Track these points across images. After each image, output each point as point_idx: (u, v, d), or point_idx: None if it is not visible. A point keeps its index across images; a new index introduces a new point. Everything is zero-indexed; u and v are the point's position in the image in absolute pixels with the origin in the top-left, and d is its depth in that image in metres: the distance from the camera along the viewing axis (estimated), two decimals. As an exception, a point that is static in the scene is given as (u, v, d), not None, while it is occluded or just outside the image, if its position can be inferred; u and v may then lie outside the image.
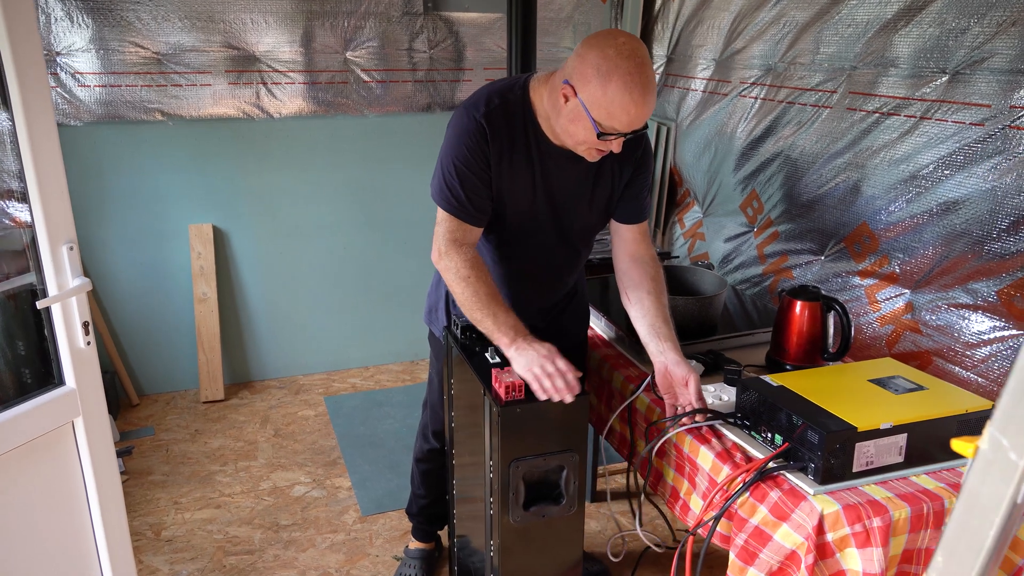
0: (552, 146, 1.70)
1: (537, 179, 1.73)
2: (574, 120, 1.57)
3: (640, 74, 1.49)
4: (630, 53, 1.49)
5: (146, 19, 3.11)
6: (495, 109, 1.67)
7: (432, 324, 2.04)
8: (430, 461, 2.18)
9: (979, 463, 0.52)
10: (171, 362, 3.45)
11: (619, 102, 1.49)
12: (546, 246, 1.83)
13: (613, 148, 1.61)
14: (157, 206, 3.28)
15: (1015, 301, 1.99)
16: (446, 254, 1.68)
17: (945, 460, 1.51)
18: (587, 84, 1.51)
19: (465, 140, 1.66)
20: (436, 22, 3.50)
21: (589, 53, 1.52)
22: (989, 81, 2.01)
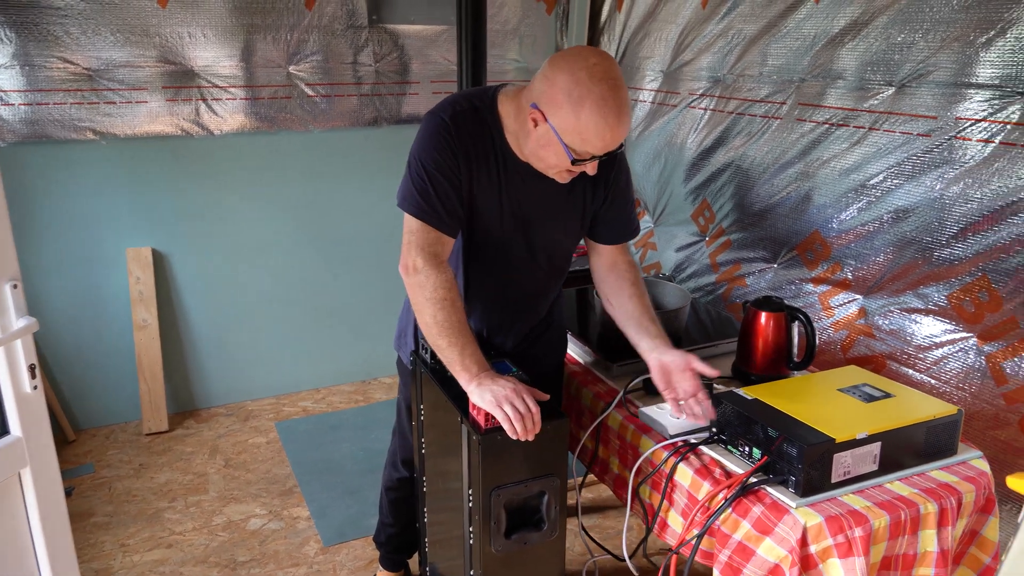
0: (520, 162, 1.63)
1: (504, 194, 1.65)
2: (545, 146, 1.51)
3: (614, 97, 1.42)
4: (603, 75, 1.43)
5: (75, 33, 2.96)
6: (462, 112, 1.60)
7: (401, 349, 1.96)
8: (400, 490, 2.11)
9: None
10: (110, 393, 3.28)
11: (593, 127, 1.43)
12: (517, 267, 1.76)
13: (588, 171, 1.55)
14: (91, 230, 3.12)
15: (964, 305, 2.06)
16: (422, 269, 1.56)
17: (916, 466, 1.54)
18: (558, 110, 1.45)
19: (433, 141, 1.58)
20: (381, 35, 3.45)
21: (558, 76, 1.45)
22: (934, 94, 2.08)
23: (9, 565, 1.47)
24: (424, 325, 1.58)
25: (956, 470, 1.56)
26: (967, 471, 1.55)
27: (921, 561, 1.49)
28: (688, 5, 2.96)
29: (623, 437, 1.78)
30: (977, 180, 1.99)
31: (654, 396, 1.83)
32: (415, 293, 1.58)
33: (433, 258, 1.58)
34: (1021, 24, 1.87)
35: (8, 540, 1.45)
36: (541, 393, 1.53)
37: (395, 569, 2.27)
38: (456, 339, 1.54)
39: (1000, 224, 1.95)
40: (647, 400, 1.82)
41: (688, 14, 2.97)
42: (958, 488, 1.50)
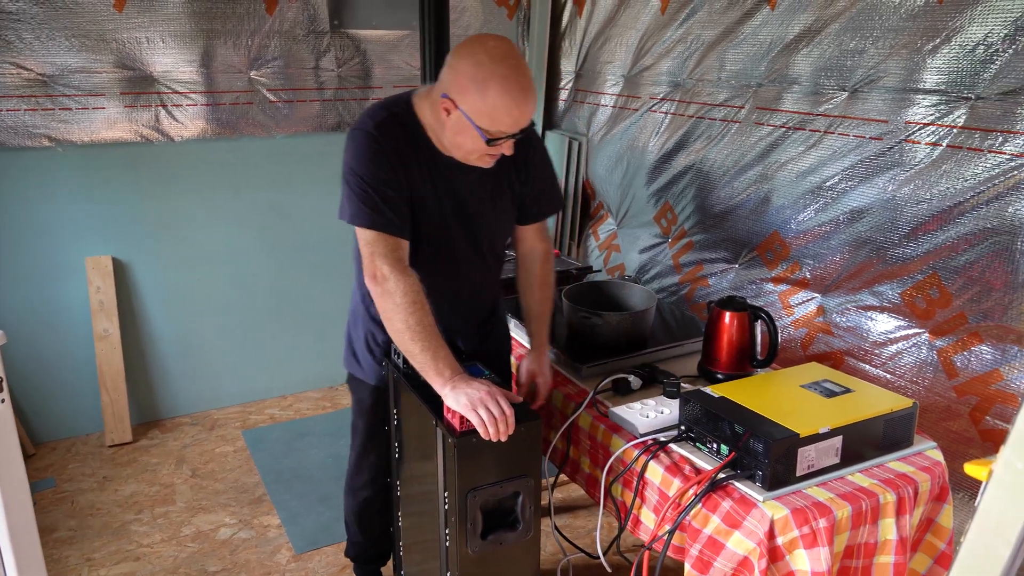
0: (446, 158, 1.69)
1: (440, 190, 1.71)
2: (460, 132, 1.58)
3: (516, 74, 1.51)
4: (503, 56, 1.51)
5: (28, 39, 2.90)
6: (384, 121, 1.64)
7: (353, 368, 1.95)
8: (368, 510, 2.10)
9: (994, 485, 0.56)
10: (70, 405, 3.22)
11: (501, 106, 1.51)
12: (462, 259, 1.81)
13: (505, 151, 1.62)
14: (48, 239, 3.06)
15: (916, 302, 2.15)
16: (390, 276, 1.59)
17: (875, 457, 1.61)
18: (465, 95, 1.52)
19: (367, 154, 1.62)
20: (343, 40, 3.44)
21: (461, 63, 1.52)
22: (885, 98, 2.16)
23: (-22, 583, 1.44)
24: (396, 332, 1.60)
25: (912, 460, 1.62)
26: (922, 461, 1.62)
27: (882, 549, 1.55)
28: (648, 11, 3.02)
29: (594, 437, 1.81)
30: (926, 182, 2.07)
31: (624, 396, 1.87)
32: (385, 301, 1.60)
33: (398, 263, 1.61)
34: (965, 32, 1.95)
35: (-23, 557, 1.43)
36: (514, 395, 1.57)
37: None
38: (428, 343, 1.57)
39: (948, 224, 2.03)
40: (617, 400, 1.86)
41: (648, 20, 3.03)
42: (914, 478, 1.56)
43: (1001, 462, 0.54)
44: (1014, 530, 0.53)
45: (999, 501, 0.54)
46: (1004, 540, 0.53)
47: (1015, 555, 0.54)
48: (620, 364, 2.02)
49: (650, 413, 1.75)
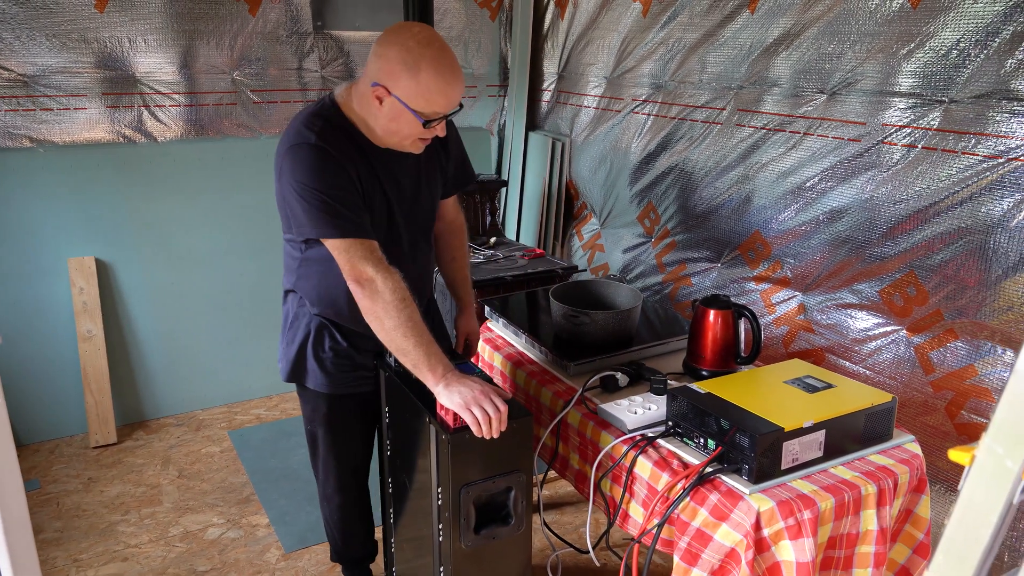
0: (381, 150, 1.71)
1: (383, 183, 1.73)
2: (395, 118, 1.60)
3: (444, 56, 1.57)
4: (428, 40, 1.56)
5: (8, 39, 2.88)
6: (321, 129, 1.63)
7: (300, 379, 1.92)
8: (343, 514, 2.10)
9: (976, 470, 0.60)
10: (54, 407, 3.19)
11: (435, 87, 1.55)
12: (408, 247, 1.83)
13: (439, 132, 1.67)
14: (30, 240, 3.04)
15: (894, 299, 2.21)
16: (376, 275, 1.60)
17: (856, 451, 1.65)
18: (398, 80, 1.55)
19: (318, 165, 1.60)
20: (326, 41, 3.45)
21: (389, 51, 1.55)
22: (862, 101, 2.22)
23: (-26, 584, 1.45)
24: (387, 330, 1.60)
25: (892, 453, 1.67)
26: (902, 454, 1.67)
27: (863, 539, 1.59)
28: (629, 13, 3.06)
29: (583, 433, 1.85)
30: (903, 182, 2.13)
31: (611, 393, 1.90)
32: (373, 302, 1.60)
33: (380, 263, 1.63)
34: (938, 37, 2.01)
35: (-28, 559, 1.43)
36: (506, 392, 1.60)
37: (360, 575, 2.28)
38: (421, 339, 1.59)
39: (925, 223, 2.09)
40: (605, 397, 1.89)
41: (630, 22, 3.07)
42: (894, 470, 1.61)
43: (983, 448, 0.58)
44: (994, 513, 0.57)
45: (980, 485, 0.58)
46: (985, 522, 0.57)
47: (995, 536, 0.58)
48: (607, 362, 2.06)
49: (638, 409, 1.79)
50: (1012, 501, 0.56)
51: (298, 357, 1.89)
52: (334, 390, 1.89)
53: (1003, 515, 0.56)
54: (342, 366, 1.88)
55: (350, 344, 1.86)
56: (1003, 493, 0.56)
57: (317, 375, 1.88)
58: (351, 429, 1.97)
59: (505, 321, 2.31)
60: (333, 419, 1.94)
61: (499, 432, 1.51)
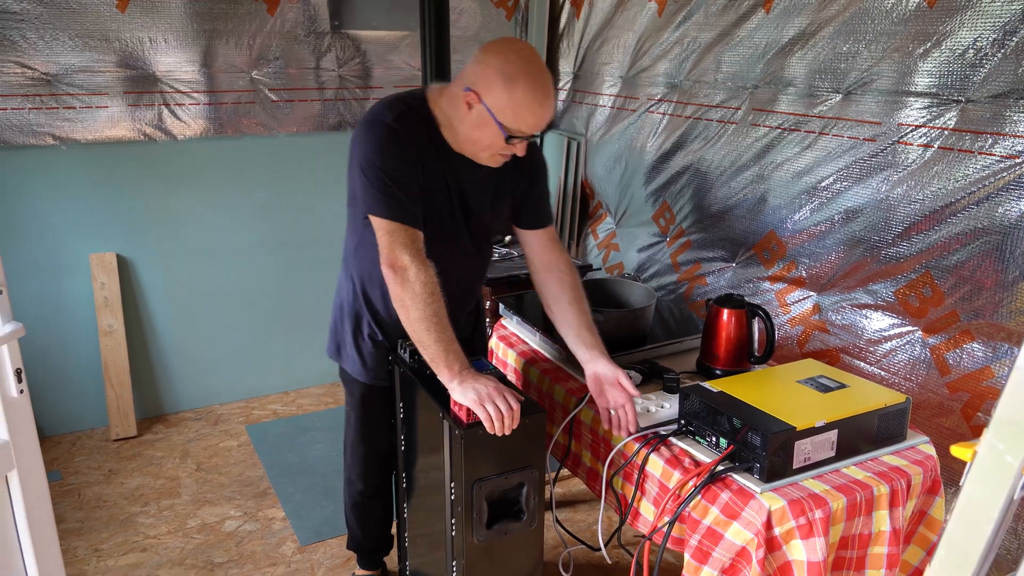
0: (456, 154, 1.72)
1: (450, 182, 1.74)
2: (480, 126, 1.62)
3: (542, 77, 1.58)
4: (531, 58, 1.58)
5: (32, 38, 2.93)
6: (402, 113, 1.67)
7: (344, 360, 1.97)
8: (365, 503, 2.14)
9: (977, 466, 0.60)
10: (75, 400, 3.25)
11: (526, 104, 1.56)
12: (462, 255, 1.85)
13: (518, 151, 1.67)
14: (53, 236, 3.09)
15: (910, 300, 2.20)
16: (410, 265, 1.61)
17: (869, 451, 1.65)
18: (492, 89, 1.56)
19: (386, 145, 1.63)
20: (344, 40, 3.48)
21: (492, 59, 1.57)
22: (878, 101, 2.21)
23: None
24: (411, 320, 1.62)
25: (905, 454, 1.67)
26: (915, 455, 1.67)
27: (875, 540, 1.60)
28: (645, 13, 3.06)
29: (595, 431, 1.86)
30: (919, 182, 2.12)
31: (624, 391, 1.91)
32: (403, 290, 1.62)
33: (418, 254, 1.64)
34: (955, 36, 2.00)
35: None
36: (519, 391, 1.61)
37: (373, 567, 2.31)
38: (442, 335, 1.60)
39: (941, 224, 2.08)
40: (617, 395, 1.89)
41: (645, 22, 3.07)
42: (907, 471, 1.61)
43: (984, 444, 0.58)
44: (995, 508, 0.58)
45: (982, 481, 0.59)
46: (986, 517, 0.58)
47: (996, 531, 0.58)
48: (621, 360, 2.05)
49: (650, 408, 1.80)
50: (1013, 497, 0.57)
51: (343, 339, 1.94)
52: (368, 380, 1.93)
53: (1004, 510, 0.57)
54: (378, 358, 1.91)
55: (386, 337, 1.89)
56: (1004, 489, 0.57)
57: (355, 363, 1.92)
58: (381, 419, 2.00)
59: (519, 319, 2.33)
60: (365, 406, 1.98)
61: (511, 429, 1.53)
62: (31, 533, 1.51)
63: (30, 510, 1.51)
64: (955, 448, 0.66)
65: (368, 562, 2.29)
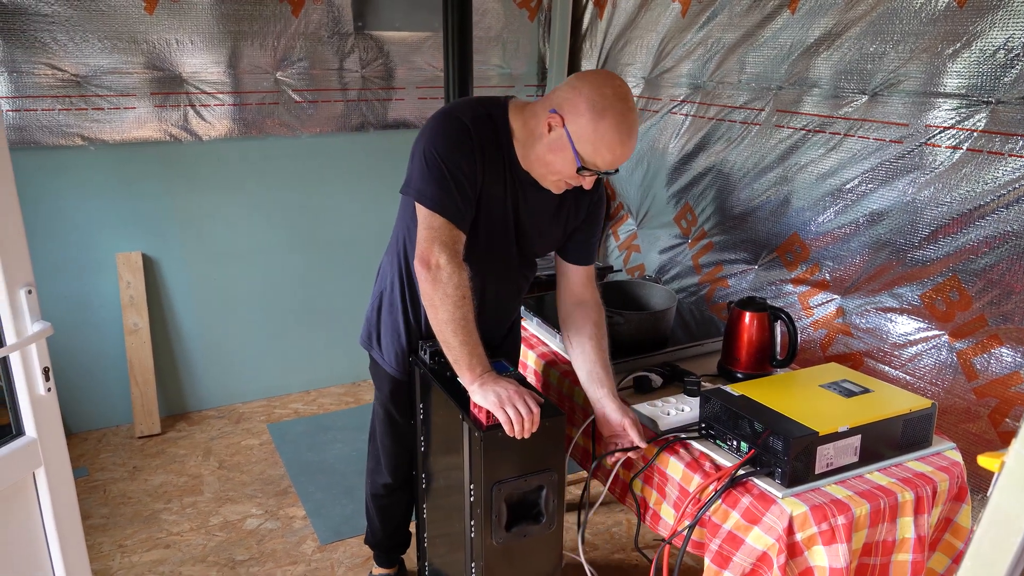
0: (523, 172, 1.71)
1: (509, 197, 1.73)
2: (555, 150, 1.59)
3: (630, 117, 1.55)
4: (624, 95, 1.55)
5: (63, 40, 2.97)
6: (481, 117, 1.66)
7: (374, 352, 1.97)
8: (388, 496, 2.14)
9: (1005, 476, 0.59)
10: (101, 397, 3.30)
11: (607, 140, 1.53)
12: (505, 270, 1.84)
13: (585, 184, 1.65)
14: (80, 235, 3.14)
15: (936, 304, 2.16)
16: (446, 266, 1.58)
17: (893, 457, 1.63)
18: (578, 117, 1.54)
19: (454, 141, 1.62)
20: (367, 42, 3.49)
21: (584, 87, 1.54)
22: (905, 102, 2.18)
23: (24, 561, 1.51)
24: (439, 321, 1.61)
25: (931, 460, 1.65)
26: (941, 461, 1.64)
27: (900, 547, 1.57)
28: (668, 14, 3.05)
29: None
30: (946, 185, 2.09)
31: (645, 394, 1.90)
32: (434, 289, 1.60)
33: (455, 255, 1.61)
34: (985, 37, 1.97)
35: (23, 537, 1.49)
36: (539, 394, 1.61)
37: (390, 565, 2.32)
38: (468, 337, 1.59)
39: (968, 227, 2.05)
40: (638, 398, 1.89)
41: (668, 22, 3.06)
42: (933, 477, 1.58)
43: (1012, 454, 0.57)
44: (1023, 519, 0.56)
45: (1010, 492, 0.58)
46: (1015, 530, 0.57)
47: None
48: (641, 363, 2.06)
49: (671, 411, 1.79)
50: (1043, 508, 0.56)
51: (377, 330, 1.93)
52: (400, 375, 1.93)
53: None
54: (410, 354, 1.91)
55: (422, 335, 1.89)
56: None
57: (389, 355, 1.91)
58: (411, 415, 2.00)
59: (540, 320, 2.32)
60: (395, 401, 1.97)
61: (531, 433, 1.53)
62: (58, 528, 1.54)
63: (57, 506, 1.53)
64: (982, 458, 0.65)
65: (386, 560, 2.30)
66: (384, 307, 1.92)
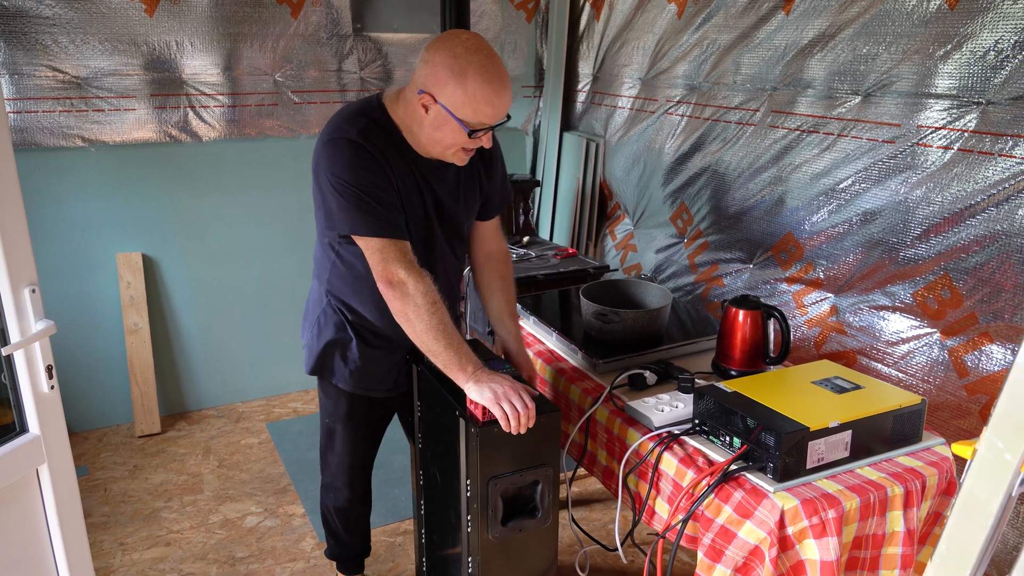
0: (422, 158, 1.70)
1: (422, 189, 1.72)
2: (439, 126, 1.59)
3: (492, 64, 1.54)
4: (476, 47, 1.54)
5: (63, 42, 3.00)
6: (365, 127, 1.63)
7: (327, 373, 1.90)
8: (351, 509, 2.11)
9: (977, 463, 0.62)
10: (102, 397, 3.32)
11: (482, 95, 1.53)
12: (439, 256, 1.83)
13: (484, 143, 1.65)
14: (81, 236, 3.16)
15: (928, 302, 2.19)
16: (407, 278, 1.60)
17: (884, 452, 1.65)
18: (444, 87, 1.53)
19: (356, 162, 1.59)
20: (365, 43, 3.52)
21: (436, 56, 1.54)
22: (897, 103, 2.21)
23: (28, 557, 1.53)
24: (418, 333, 1.62)
25: (920, 455, 1.67)
26: (931, 456, 1.67)
27: (889, 540, 1.60)
28: (664, 15, 3.07)
29: (610, 430, 1.87)
30: (938, 184, 2.12)
31: (639, 391, 1.93)
32: (404, 304, 1.61)
33: (411, 265, 1.63)
34: (976, 38, 2.00)
35: (27, 532, 1.52)
36: (533, 390, 1.63)
37: (359, 570, 2.28)
38: (451, 340, 1.61)
39: (959, 226, 2.07)
40: (633, 395, 1.91)
41: (664, 24, 3.08)
42: (922, 472, 1.61)
43: (984, 442, 0.60)
44: (994, 504, 0.59)
45: (981, 478, 0.60)
46: (986, 513, 0.59)
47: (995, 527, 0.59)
48: (636, 360, 2.08)
49: (665, 407, 1.81)
50: (1012, 493, 0.58)
51: (324, 353, 1.88)
52: (358, 390, 1.91)
53: (1003, 507, 0.58)
54: (368, 369, 1.89)
55: (378, 348, 1.88)
56: (1003, 485, 0.58)
57: (343, 374, 1.88)
58: (368, 427, 2.01)
59: (536, 319, 2.35)
60: (354, 417, 1.95)
61: (526, 428, 1.55)
62: (60, 524, 1.56)
63: (60, 502, 1.55)
64: (956, 446, 0.67)
65: (353, 566, 2.26)
66: (327, 331, 1.87)
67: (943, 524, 1.71)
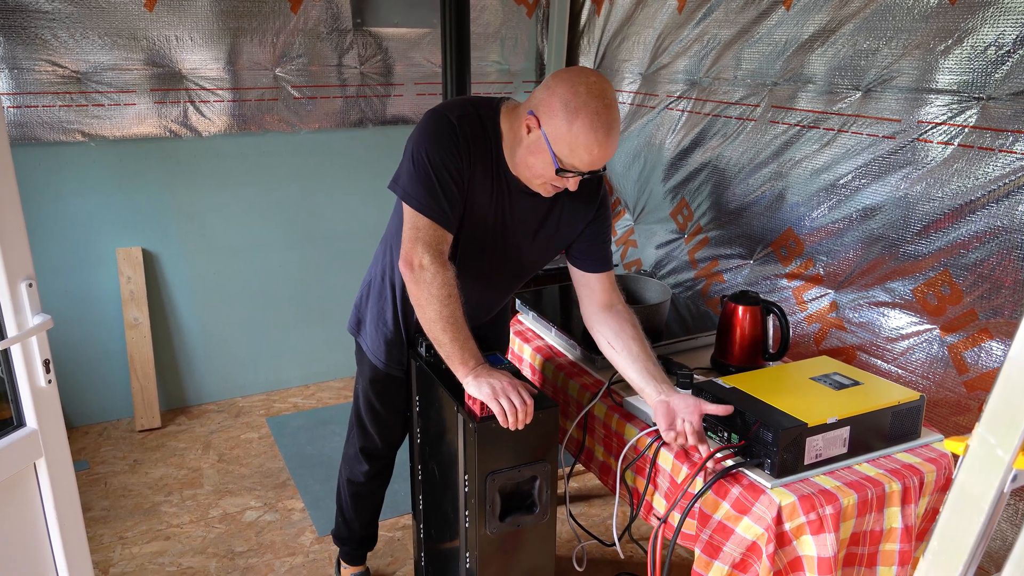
0: (511, 175, 1.69)
1: (496, 200, 1.70)
2: (534, 152, 1.57)
3: (607, 115, 1.50)
4: (600, 93, 1.49)
5: (63, 37, 2.99)
6: (469, 116, 1.64)
7: (360, 338, 1.98)
8: (364, 484, 2.13)
9: (969, 459, 0.61)
10: (102, 391, 3.33)
11: (583, 140, 1.49)
12: (489, 273, 1.82)
13: (569, 186, 1.61)
14: (81, 231, 3.16)
15: (928, 298, 2.19)
16: (428, 267, 1.59)
17: (882, 448, 1.65)
18: (552, 117, 1.51)
19: (441, 140, 1.60)
20: (365, 38, 3.51)
21: (559, 87, 1.51)
22: (898, 98, 2.20)
23: (25, 550, 1.53)
24: (427, 320, 1.61)
25: (919, 452, 1.67)
26: (929, 453, 1.67)
27: (887, 537, 1.60)
28: (665, 10, 3.06)
29: (608, 426, 1.88)
30: (938, 180, 2.11)
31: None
32: (419, 289, 1.60)
33: (439, 256, 1.61)
34: (977, 34, 1.99)
35: (24, 527, 1.52)
36: (533, 387, 1.63)
37: (361, 562, 2.31)
38: (458, 334, 1.60)
39: (959, 222, 2.07)
40: (630, 390, 1.91)
41: (665, 19, 3.07)
42: (920, 468, 1.61)
43: (975, 438, 0.59)
44: (986, 500, 0.59)
45: (973, 474, 0.60)
46: (978, 509, 0.59)
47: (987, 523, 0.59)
48: (635, 356, 2.08)
49: (663, 404, 1.81)
50: (1004, 489, 0.58)
51: (364, 316, 1.95)
52: (380, 366, 1.94)
53: (994, 503, 0.58)
54: (394, 347, 1.91)
55: (406, 328, 1.90)
56: (995, 481, 0.58)
57: (373, 344, 1.92)
58: (387, 405, 2.01)
59: (536, 314, 2.35)
60: (375, 389, 1.98)
61: (524, 424, 1.55)
62: (59, 520, 1.56)
63: (58, 497, 1.55)
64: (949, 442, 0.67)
65: (356, 556, 2.28)
66: (372, 296, 1.92)
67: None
